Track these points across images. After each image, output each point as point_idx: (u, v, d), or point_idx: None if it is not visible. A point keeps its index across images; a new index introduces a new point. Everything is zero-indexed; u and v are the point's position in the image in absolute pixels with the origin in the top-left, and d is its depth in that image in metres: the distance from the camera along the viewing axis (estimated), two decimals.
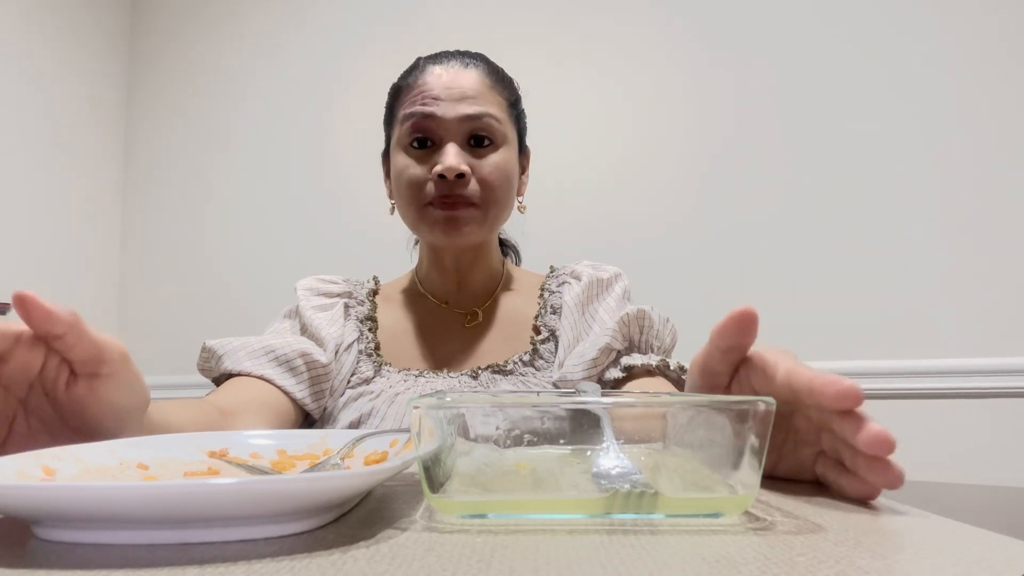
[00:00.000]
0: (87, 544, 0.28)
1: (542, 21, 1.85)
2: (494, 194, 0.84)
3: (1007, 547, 0.28)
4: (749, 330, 0.44)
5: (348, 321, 0.89)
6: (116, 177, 2.23)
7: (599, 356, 0.80)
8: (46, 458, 0.36)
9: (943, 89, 1.53)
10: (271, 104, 2.10)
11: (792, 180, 1.61)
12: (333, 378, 0.84)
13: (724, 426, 0.33)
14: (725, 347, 0.45)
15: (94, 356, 0.44)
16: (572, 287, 0.90)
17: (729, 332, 0.44)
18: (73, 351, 0.43)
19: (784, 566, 0.25)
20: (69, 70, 2.09)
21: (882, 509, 0.37)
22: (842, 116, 1.59)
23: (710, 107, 1.70)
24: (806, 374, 0.40)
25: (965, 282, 1.47)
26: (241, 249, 2.07)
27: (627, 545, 0.28)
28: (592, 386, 0.61)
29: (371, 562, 0.25)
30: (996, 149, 1.49)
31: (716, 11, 1.71)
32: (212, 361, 0.81)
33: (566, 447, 0.35)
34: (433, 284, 0.94)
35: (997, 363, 1.43)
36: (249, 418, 0.73)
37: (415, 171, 0.83)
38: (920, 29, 1.56)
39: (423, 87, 0.84)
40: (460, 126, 0.83)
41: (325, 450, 0.46)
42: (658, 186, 1.71)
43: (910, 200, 1.53)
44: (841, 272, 1.55)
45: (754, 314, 0.43)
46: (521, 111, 0.93)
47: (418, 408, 0.33)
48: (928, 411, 1.46)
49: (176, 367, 2.03)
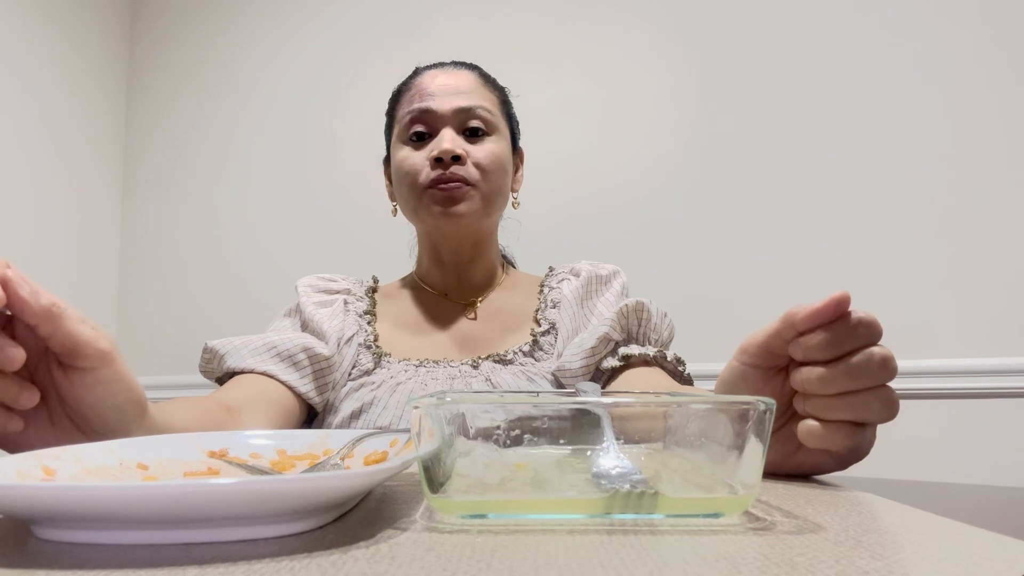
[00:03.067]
0: (87, 544, 0.28)
1: (542, 20, 1.85)
2: (489, 176, 0.87)
3: (1007, 547, 0.28)
4: (841, 313, 0.43)
5: (348, 316, 0.90)
6: (116, 178, 2.23)
7: (597, 345, 0.81)
8: (46, 458, 0.36)
9: (939, 87, 1.53)
10: (271, 106, 2.10)
11: (791, 180, 1.61)
12: (336, 370, 0.84)
13: (724, 426, 0.33)
14: (807, 327, 0.44)
15: (69, 349, 0.44)
16: (571, 282, 0.92)
17: (826, 314, 0.43)
18: (49, 342, 0.44)
19: (784, 566, 0.25)
20: (69, 72, 2.09)
21: (882, 509, 0.37)
22: (841, 116, 1.59)
23: (708, 107, 1.70)
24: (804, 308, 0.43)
25: (965, 282, 1.47)
26: (241, 250, 2.07)
27: (627, 545, 0.28)
28: (592, 386, 0.61)
29: (371, 562, 0.25)
30: (996, 149, 1.49)
31: (712, 11, 1.71)
32: (214, 361, 0.81)
33: (566, 447, 0.35)
34: (433, 279, 0.95)
35: (997, 363, 1.43)
36: (254, 414, 0.73)
37: (414, 159, 0.87)
38: (915, 27, 1.56)
39: (420, 87, 0.89)
40: (455, 117, 0.87)
41: (325, 450, 0.46)
42: (657, 186, 1.71)
43: (909, 200, 1.53)
44: (840, 272, 1.55)
45: (849, 297, 0.43)
46: (513, 114, 0.97)
47: (418, 408, 0.33)
48: (928, 411, 1.46)
49: (176, 367, 2.03)
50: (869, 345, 0.43)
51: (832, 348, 0.43)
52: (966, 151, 1.51)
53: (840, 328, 0.42)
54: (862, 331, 0.42)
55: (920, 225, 1.52)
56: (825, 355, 0.43)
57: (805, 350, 0.43)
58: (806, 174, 1.60)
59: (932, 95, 1.54)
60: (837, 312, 0.43)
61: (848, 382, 0.42)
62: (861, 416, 0.43)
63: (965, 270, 1.48)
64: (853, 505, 0.38)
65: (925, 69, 1.55)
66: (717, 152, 1.67)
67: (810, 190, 1.60)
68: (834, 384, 0.43)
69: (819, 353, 0.43)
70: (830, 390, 0.43)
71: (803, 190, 1.60)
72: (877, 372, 0.42)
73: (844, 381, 0.42)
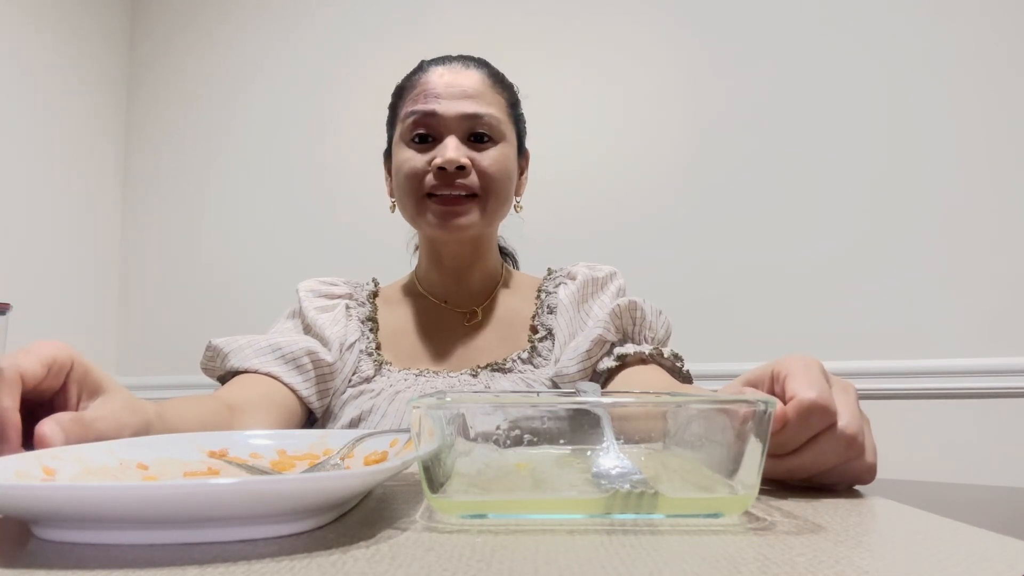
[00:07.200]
0: (87, 544, 0.28)
1: (541, 21, 1.85)
2: (493, 185, 0.85)
3: (1007, 547, 0.28)
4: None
5: (350, 322, 0.90)
6: (116, 178, 2.23)
7: (592, 348, 0.81)
8: (46, 458, 0.36)
9: (939, 87, 1.53)
10: (271, 105, 2.10)
11: (790, 180, 1.61)
12: (337, 376, 0.84)
13: (724, 426, 0.33)
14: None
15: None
16: (568, 286, 0.91)
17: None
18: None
19: (784, 566, 0.25)
20: (69, 72, 2.09)
21: (882, 509, 0.37)
22: (840, 115, 1.59)
23: (708, 107, 1.70)
24: (793, 383, 0.42)
25: (965, 282, 1.47)
26: (241, 250, 2.07)
27: (627, 545, 0.28)
28: (592, 386, 0.61)
29: (371, 562, 0.25)
30: (997, 149, 1.49)
31: (713, 10, 1.71)
32: (217, 360, 0.81)
33: (566, 447, 0.35)
34: (432, 283, 0.94)
35: (997, 363, 1.43)
36: (257, 414, 0.73)
37: (415, 163, 0.85)
38: (921, 27, 1.56)
39: (425, 85, 0.86)
40: (460, 123, 0.84)
41: (325, 450, 0.46)
42: (658, 186, 1.71)
43: (910, 200, 1.53)
44: (839, 272, 1.55)
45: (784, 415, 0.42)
46: (520, 114, 0.94)
47: (418, 408, 0.33)
48: (928, 411, 1.46)
49: (176, 367, 2.03)
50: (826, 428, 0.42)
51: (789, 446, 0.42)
52: (967, 151, 1.51)
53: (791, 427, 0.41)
54: (814, 421, 0.41)
55: (920, 225, 1.52)
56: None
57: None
58: (806, 175, 1.60)
59: (933, 95, 1.54)
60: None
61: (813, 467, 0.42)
62: (821, 468, 0.42)
63: (965, 270, 1.48)
64: (853, 505, 0.38)
65: (928, 70, 1.55)
66: (718, 152, 1.67)
67: (811, 191, 1.60)
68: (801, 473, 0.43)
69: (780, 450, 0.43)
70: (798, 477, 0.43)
71: (803, 191, 1.60)
72: (843, 451, 0.42)
73: (811, 468, 0.42)
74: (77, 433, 0.42)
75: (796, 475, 0.43)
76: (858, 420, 0.42)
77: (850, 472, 0.43)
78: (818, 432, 0.41)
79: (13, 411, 0.42)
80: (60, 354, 0.46)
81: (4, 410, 0.41)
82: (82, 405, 0.47)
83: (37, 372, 0.44)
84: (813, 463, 0.42)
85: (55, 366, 0.45)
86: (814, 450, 0.42)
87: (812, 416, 0.41)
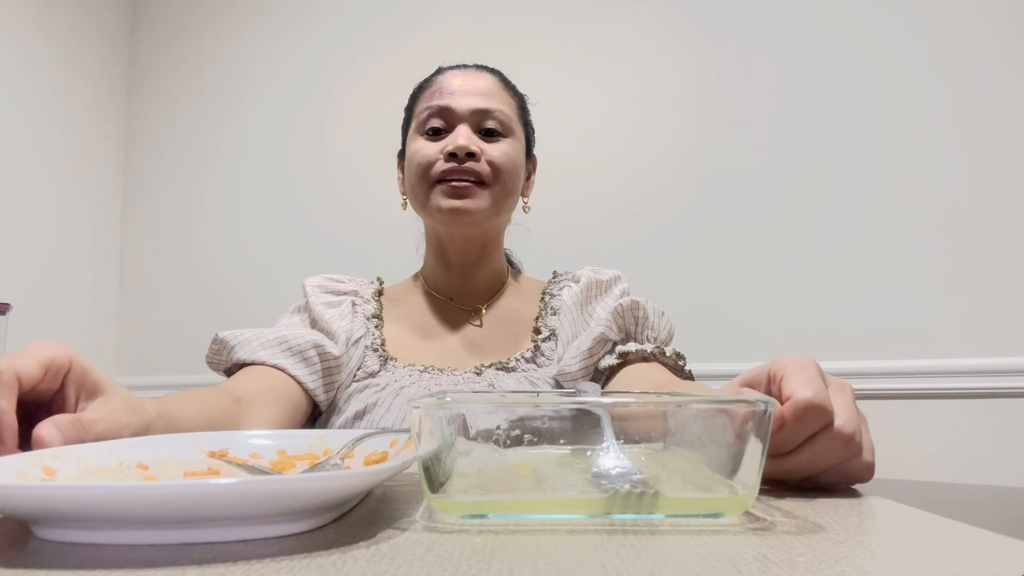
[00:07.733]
0: (87, 544, 0.28)
1: (541, 22, 1.85)
2: (502, 174, 0.87)
3: (1007, 547, 0.28)
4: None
5: (356, 318, 0.91)
6: (116, 177, 2.23)
7: (594, 346, 0.82)
8: (46, 458, 0.36)
9: (941, 88, 1.53)
10: (271, 105, 2.10)
11: (790, 180, 1.61)
12: (343, 370, 0.85)
13: (724, 426, 0.33)
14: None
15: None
16: (571, 288, 0.92)
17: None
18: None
19: (784, 566, 0.25)
20: (69, 72, 2.09)
21: (882, 509, 0.37)
22: (840, 115, 1.59)
23: (708, 107, 1.69)
24: (789, 383, 0.42)
25: (965, 282, 1.47)
26: (242, 249, 2.07)
27: (627, 545, 0.28)
28: (592, 386, 0.61)
29: (371, 562, 0.25)
30: (998, 149, 1.49)
31: (713, 10, 1.71)
32: (224, 352, 0.82)
33: (566, 447, 0.35)
34: (438, 280, 0.95)
35: (997, 363, 1.43)
36: (263, 406, 0.74)
37: (427, 151, 0.88)
38: (921, 28, 1.56)
39: (440, 85, 0.91)
40: (472, 117, 0.88)
41: (325, 450, 0.46)
42: (658, 186, 1.71)
43: (910, 200, 1.53)
44: (839, 272, 1.55)
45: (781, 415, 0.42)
46: (529, 121, 0.98)
47: (418, 408, 0.33)
48: (928, 411, 1.46)
49: (176, 367, 2.03)
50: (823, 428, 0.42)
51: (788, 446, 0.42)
52: (967, 151, 1.51)
53: (789, 428, 0.42)
54: (810, 421, 0.41)
55: (921, 225, 1.52)
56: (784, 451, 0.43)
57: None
58: (807, 175, 1.60)
59: (934, 95, 1.54)
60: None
61: (812, 468, 0.43)
62: (819, 467, 0.42)
63: (965, 270, 1.48)
64: (853, 505, 0.38)
65: (929, 70, 1.55)
66: (718, 153, 1.67)
67: (811, 191, 1.59)
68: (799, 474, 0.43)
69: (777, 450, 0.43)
70: (795, 478, 0.43)
71: (804, 191, 1.60)
72: (840, 449, 0.42)
73: (809, 468, 0.43)
74: (76, 435, 0.42)
75: (794, 475, 0.43)
76: (855, 419, 0.42)
77: (848, 471, 0.43)
78: (815, 432, 0.42)
79: (9, 414, 0.41)
80: (58, 355, 0.45)
81: (0, 412, 0.41)
82: (81, 406, 0.47)
83: (34, 374, 0.43)
84: (811, 463, 0.42)
85: (52, 367, 0.45)
86: (811, 450, 0.42)
87: (809, 416, 0.41)
